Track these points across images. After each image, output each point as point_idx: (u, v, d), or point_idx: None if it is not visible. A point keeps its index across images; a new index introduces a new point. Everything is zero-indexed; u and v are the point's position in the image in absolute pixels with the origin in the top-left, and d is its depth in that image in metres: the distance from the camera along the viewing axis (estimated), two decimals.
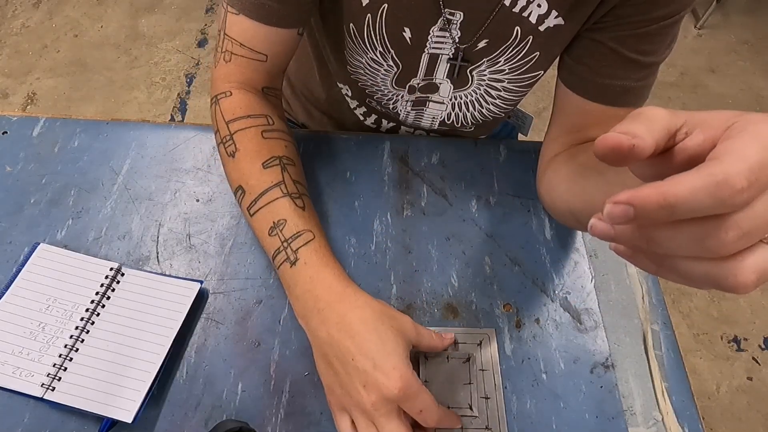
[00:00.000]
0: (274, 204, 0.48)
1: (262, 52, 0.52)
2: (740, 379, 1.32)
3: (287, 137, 0.53)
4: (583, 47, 0.51)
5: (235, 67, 0.53)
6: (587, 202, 0.45)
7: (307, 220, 0.48)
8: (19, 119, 0.63)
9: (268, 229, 0.47)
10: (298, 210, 0.48)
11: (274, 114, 0.54)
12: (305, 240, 0.46)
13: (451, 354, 0.49)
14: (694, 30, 2.05)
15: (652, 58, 0.49)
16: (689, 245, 0.21)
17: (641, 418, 0.47)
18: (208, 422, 0.45)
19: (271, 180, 0.48)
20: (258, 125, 0.51)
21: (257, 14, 0.50)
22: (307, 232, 0.47)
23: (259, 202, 0.48)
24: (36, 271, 0.51)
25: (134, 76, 1.83)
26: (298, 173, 0.52)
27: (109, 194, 0.58)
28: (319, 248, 0.46)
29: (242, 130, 0.51)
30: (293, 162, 0.52)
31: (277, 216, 0.47)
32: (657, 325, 0.53)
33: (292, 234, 0.46)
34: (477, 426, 0.46)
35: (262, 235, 0.48)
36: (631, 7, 0.46)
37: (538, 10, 0.49)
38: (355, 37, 0.54)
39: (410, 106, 0.63)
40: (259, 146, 0.50)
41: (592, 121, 0.53)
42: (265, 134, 0.51)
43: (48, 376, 0.45)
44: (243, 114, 0.51)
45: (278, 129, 0.53)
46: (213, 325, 0.50)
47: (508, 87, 0.58)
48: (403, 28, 0.52)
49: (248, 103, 0.52)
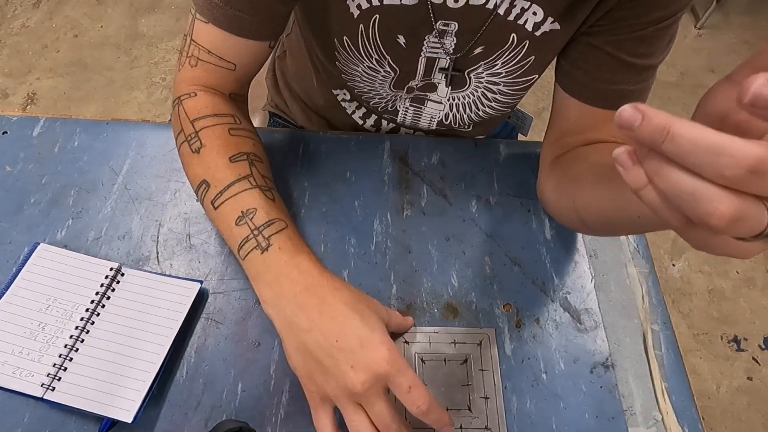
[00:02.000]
0: (242, 195, 0.46)
1: (230, 61, 0.51)
2: (740, 379, 1.32)
3: (255, 137, 0.52)
4: (579, 51, 0.51)
5: (201, 71, 0.51)
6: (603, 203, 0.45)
7: (279, 210, 0.46)
8: (19, 119, 0.63)
9: (236, 219, 0.45)
10: (269, 201, 0.46)
11: (241, 115, 0.53)
12: (278, 228, 0.45)
13: (449, 356, 0.49)
14: (694, 30, 2.05)
15: (650, 61, 0.49)
16: (702, 155, 0.21)
17: (641, 418, 0.47)
18: (208, 422, 0.45)
19: (239, 173, 0.47)
20: (225, 123, 0.50)
21: (228, 25, 0.48)
22: (279, 221, 0.45)
23: (225, 194, 0.46)
24: (36, 271, 0.51)
25: (134, 76, 1.83)
26: (267, 170, 0.50)
27: (109, 194, 0.58)
28: (293, 235, 0.45)
29: (208, 127, 0.49)
30: (261, 160, 0.50)
31: (247, 206, 0.45)
32: (657, 325, 0.53)
33: (263, 222, 0.44)
34: (476, 426, 0.46)
35: (226, 227, 0.46)
36: (627, 10, 0.46)
37: (533, 18, 0.48)
38: (351, 49, 0.54)
39: (408, 103, 0.63)
40: (227, 142, 0.48)
41: (591, 124, 0.53)
42: (232, 131, 0.50)
43: (48, 376, 0.45)
44: (209, 113, 0.50)
45: (245, 128, 0.52)
46: (213, 325, 0.50)
47: (504, 90, 0.58)
48: (396, 36, 0.52)
49: (214, 103, 0.51)
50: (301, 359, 0.42)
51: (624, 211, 0.40)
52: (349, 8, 0.49)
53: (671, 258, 1.49)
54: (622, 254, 0.58)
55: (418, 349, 0.50)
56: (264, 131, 0.65)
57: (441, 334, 0.50)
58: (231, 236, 0.46)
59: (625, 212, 0.40)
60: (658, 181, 0.23)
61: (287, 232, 0.45)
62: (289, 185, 0.59)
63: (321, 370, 0.40)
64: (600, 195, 0.44)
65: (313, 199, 0.59)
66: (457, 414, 0.46)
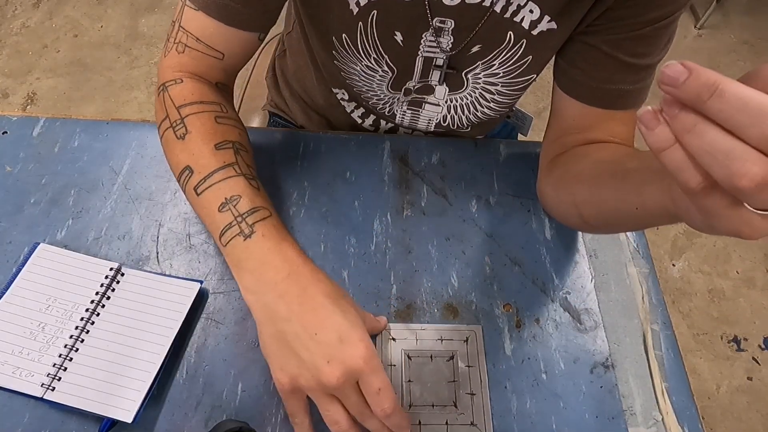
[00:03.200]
0: (226, 182, 0.45)
1: (219, 50, 0.51)
2: (740, 379, 1.32)
3: (240, 126, 0.52)
4: (576, 51, 0.51)
5: (188, 59, 0.51)
6: (602, 199, 0.45)
7: (263, 199, 0.46)
8: (19, 119, 0.63)
9: (219, 205, 0.44)
10: (253, 189, 0.46)
11: (227, 104, 0.52)
12: (262, 216, 0.44)
13: (436, 352, 0.49)
14: (694, 30, 2.05)
15: (648, 60, 0.49)
16: (749, 115, 0.21)
17: (641, 418, 0.47)
18: (208, 422, 0.45)
19: (224, 160, 0.46)
20: (211, 111, 0.49)
21: (219, 14, 0.48)
22: (263, 209, 0.44)
23: (209, 180, 0.45)
24: (36, 271, 0.51)
25: (134, 76, 1.83)
26: (251, 160, 0.50)
27: (109, 194, 0.58)
28: (277, 224, 0.44)
29: (194, 114, 0.48)
30: (246, 149, 0.50)
31: (230, 193, 0.44)
32: (657, 325, 0.53)
33: (247, 209, 0.44)
34: (462, 422, 0.46)
35: (208, 213, 0.45)
36: (625, 9, 0.46)
37: (530, 16, 0.48)
38: (349, 47, 0.54)
39: (406, 106, 0.63)
40: (212, 129, 0.48)
41: (590, 123, 0.53)
42: (219, 119, 0.49)
43: (48, 376, 0.45)
44: (195, 100, 0.49)
45: (231, 117, 0.51)
46: (213, 325, 0.50)
47: (501, 90, 0.58)
48: (394, 32, 0.52)
49: (201, 90, 0.50)
50: (276, 348, 0.41)
51: (624, 202, 0.40)
52: (349, 5, 0.49)
53: (671, 258, 1.49)
54: (622, 254, 0.58)
55: (405, 345, 0.50)
56: (264, 131, 0.65)
57: (428, 331, 0.51)
58: (213, 223, 0.45)
59: (625, 204, 0.40)
60: (691, 138, 0.23)
61: (271, 220, 0.44)
62: (289, 185, 0.59)
63: (296, 361, 0.39)
64: (600, 189, 0.45)
65: (313, 199, 0.59)
66: (443, 410, 0.46)
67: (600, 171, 0.46)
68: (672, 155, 0.24)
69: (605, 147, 0.51)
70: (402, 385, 0.48)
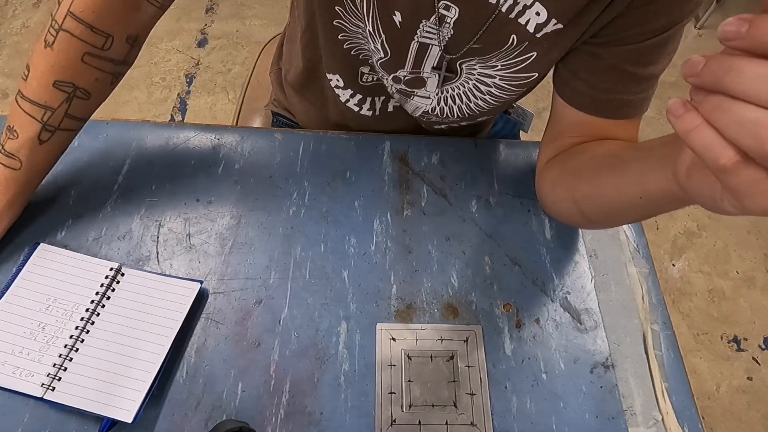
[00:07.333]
0: (26, 116, 0.49)
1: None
2: (740, 379, 1.32)
3: (108, 67, 0.50)
4: (580, 61, 0.50)
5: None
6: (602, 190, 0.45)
7: (32, 152, 0.50)
8: None
9: (7, 124, 0.50)
10: (35, 140, 0.49)
11: (124, 31, 0.50)
12: (11, 165, 0.49)
13: (436, 352, 0.49)
14: (694, 30, 2.05)
15: (652, 70, 0.49)
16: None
17: (641, 418, 0.47)
18: (208, 422, 0.45)
19: (45, 100, 0.48)
20: (89, 44, 0.48)
21: None
22: (16, 161, 0.49)
23: (22, 100, 0.49)
24: (36, 271, 0.51)
25: (134, 76, 1.83)
26: (83, 109, 0.51)
27: (109, 194, 0.58)
28: (17, 176, 0.50)
29: (71, 36, 0.47)
30: (87, 97, 0.50)
31: (18, 127, 0.49)
32: (657, 325, 0.53)
33: (8, 150, 0.49)
34: (462, 422, 0.46)
35: (7, 118, 0.50)
36: (633, 17, 0.45)
37: (536, 19, 0.47)
38: (353, 6, 0.52)
39: (395, 90, 0.61)
40: (70, 64, 0.48)
41: (590, 132, 0.52)
42: (86, 58, 0.48)
43: (48, 376, 0.45)
44: (87, 20, 0.47)
45: (107, 57, 0.50)
46: (213, 325, 0.50)
47: (499, 84, 0.55)
48: (393, 12, 0.49)
49: (104, 10, 0.48)
50: None
51: (626, 194, 0.40)
52: None
53: (671, 258, 1.49)
54: (622, 254, 0.58)
55: (405, 345, 0.50)
56: (265, 131, 0.65)
57: (428, 331, 0.51)
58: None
59: (626, 195, 0.40)
60: (719, 114, 0.24)
61: (13, 174, 0.50)
62: (289, 185, 0.59)
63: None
64: (601, 182, 0.45)
65: (313, 199, 0.59)
66: (443, 410, 0.46)
67: (599, 165, 0.46)
68: (701, 133, 0.25)
69: (602, 143, 0.51)
70: (402, 385, 0.48)
